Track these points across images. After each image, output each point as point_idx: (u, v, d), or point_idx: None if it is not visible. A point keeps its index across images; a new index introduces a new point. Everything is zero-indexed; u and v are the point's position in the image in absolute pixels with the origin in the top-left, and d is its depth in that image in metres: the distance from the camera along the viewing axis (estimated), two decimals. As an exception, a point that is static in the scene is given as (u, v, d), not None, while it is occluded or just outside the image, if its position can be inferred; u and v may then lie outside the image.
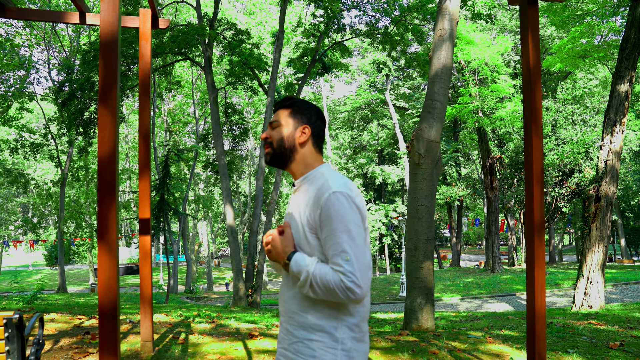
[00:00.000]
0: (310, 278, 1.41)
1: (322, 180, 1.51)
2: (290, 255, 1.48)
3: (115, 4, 2.62)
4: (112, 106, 2.59)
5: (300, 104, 1.65)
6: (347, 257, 1.39)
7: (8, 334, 2.54)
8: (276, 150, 1.61)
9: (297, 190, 1.62)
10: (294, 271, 1.46)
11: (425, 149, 6.11)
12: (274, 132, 1.63)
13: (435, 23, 6.22)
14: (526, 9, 3.45)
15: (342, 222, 1.41)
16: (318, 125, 1.64)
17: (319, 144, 1.65)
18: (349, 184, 1.49)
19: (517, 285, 18.03)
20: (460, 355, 4.74)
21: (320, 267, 1.43)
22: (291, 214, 1.58)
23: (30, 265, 44.16)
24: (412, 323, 6.22)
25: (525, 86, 3.54)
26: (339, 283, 1.37)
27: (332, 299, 1.41)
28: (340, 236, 1.40)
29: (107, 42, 2.60)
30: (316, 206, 1.46)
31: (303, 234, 1.50)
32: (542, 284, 3.44)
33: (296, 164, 1.61)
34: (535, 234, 3.42)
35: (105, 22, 2.61)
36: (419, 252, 6.19)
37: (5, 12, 3.88)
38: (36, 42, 25.29)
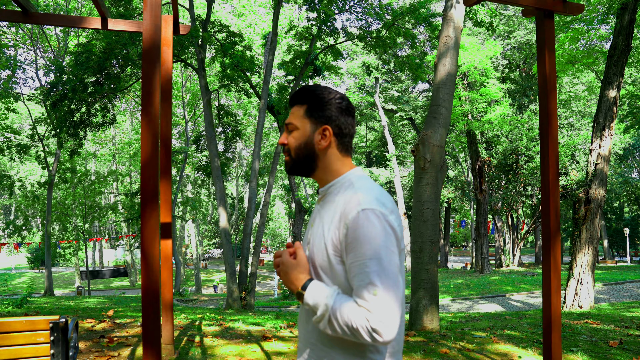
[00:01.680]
0: (329, 314, 1.20)
1: (351, 191, 1.28)
2: (306, 284, 1.26)
3: (156, 14, 2.68)
4: (154, 113, 2.65)
5: (316, 98, 1.37)
6: (375, 292, 1.16)
7: (53, 337, 2.57)
8: (295, 159, 1.39)
9: (321, 199, 1.40)
10: (309, 303, 1.24)
11: (431, 153, 6.24)
12: (290, 137, 1.39)
13: (441, 31, 6.36)
14: (542, 21, 3.59)
15: (371, 246, 1.18)
16: (342, 121, 1.37)
17: (345, 143, 1.38)
18: (383, 198, 1.26)
19: (507, 286, 18.34)
20: (470, 354, 4.87)
21: (342, 300, 1.21)
22: (314, 228, 1.37)
23: (13, 268, 43.30)
24: (417, 324, 6.34)
25: (541, 95, 3.68)
26: (363, 322, 1.15)
27: (354, 339, 1.19)
28: (369, 265, 1.18)
29: (149, 50, 2.66)
30: (342, 225, 1.24)
31: (326, 257, 1.28)
32: (558, 288, 3.58)
33: (320, 171, 1.38)
34: (552, 239, 3.57)
35: (148, 31, 2.67)
36: (424, 254, 6.32)
37: (29, 18, 3.90)
38: (22, 42, 24.92)
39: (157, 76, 2.65)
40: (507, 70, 25.44)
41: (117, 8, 16.37)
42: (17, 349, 2.54)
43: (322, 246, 1.29)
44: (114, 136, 34.86)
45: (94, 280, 37.10)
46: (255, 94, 19.11)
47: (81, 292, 26.80)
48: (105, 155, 37.51)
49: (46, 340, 2.58)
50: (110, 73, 15.48)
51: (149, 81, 2.65)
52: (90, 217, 27.27)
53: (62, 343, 2.59)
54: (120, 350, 4.25)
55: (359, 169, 1.39)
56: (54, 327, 2.55)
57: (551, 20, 3.62)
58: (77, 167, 26.72)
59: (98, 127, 17.36)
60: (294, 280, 1.27)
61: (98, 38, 15.44)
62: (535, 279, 19.21)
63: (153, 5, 2.67)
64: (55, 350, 2.60)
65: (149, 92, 2.65)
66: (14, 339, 2.51)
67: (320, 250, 1.29)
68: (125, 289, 31.00)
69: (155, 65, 2.65)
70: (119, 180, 34.87)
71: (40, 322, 2.55)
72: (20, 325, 2.52)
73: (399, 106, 32.12)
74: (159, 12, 2.68)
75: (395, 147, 34.15)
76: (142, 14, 18.00)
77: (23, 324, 2.52)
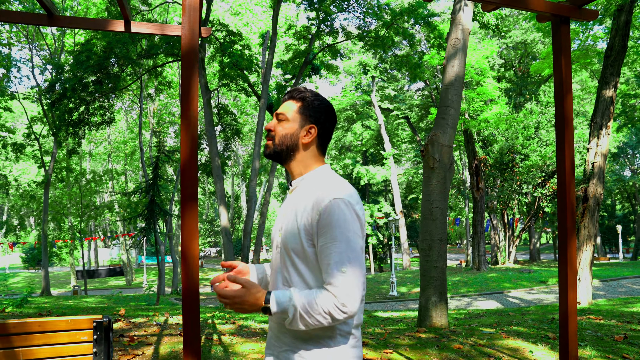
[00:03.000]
0: (300, 312, 1.31)
1: (322, 184, 1.43)
2: (267, 297, 1.34)
3: (194, 18, 2.74)
4: (193, 116, 2.72)
5: (311, 99, 1.53)
6: (344, 269, 1.31)
7: (97, 336, 2.63)
8: (277, 146, 1.52)
9: (293, 190, 1.53)
10: (277, 312, 1.33)
11: (440, 153, 6.35)
12: (278, 126, 1.53)
13: (449, 33, 6.47)
14: (558, 27, 3.69)
15: (341, 230, 1.33)
16: (326, 126, 1.54)
17: (323, 145, 1.55)
18: (350, 191, 1.41)
19: (505, 283, 18.55)
20: (482, 350, 4.99)
21: (305, 295, 1.33)
22: (286, 217, 1.49)
23: (7, 268, 42.96)
24: (426, 321, 6.45)
25: (557, 99, 3.77)
26: (331, 303, 1.30)
27: (328, 323, 1.32)
28: (339, 246, 1.32)
29: (188, 53, 2.72)
30: (314, 212, 1.37)
31: (299, 241, 1.40)
32: (574, 283, 3.70)
33: (296, 163, 1.52)
34: (568, 236, 3.68)
35: (186, 35, 2.73)
36: (433, 252, 6.43)
37: (53, 21, 3.94)
38: (17, 40, 24.72)
39: (195, 79, 2.72)
40: (503, 69, 25.66)
41: (115, 7, 16.36)
42: (61, 347, 2.60)
43: (295, 231, 1.42)
44: (109, 135, 34.69)
45: (90, 280, 36.91)
46: (254, 93, 19.15)
47: (77, 292, 26.64)
48: (101, 154, 37.33)
49: (89, 339, 2.64)
50: (110, 72, 15.45)
51: (187, 85, 2.72)
52: (86, 217, 27.15)
53: (104, 342, 2.66)
54: (143, 348, 4.31)
55: (328, 166, 1.55)
56: (97, 326, 2.62)
57: (567, 26, 3.72)
58: (73, 167, 26.55)
59: (97, 126, 17.31)
60: (255, 302, 1.34)
61: (97, 37, 15.40)
62: (532, 276, 19.44)
63: (191, 9, 2.74)
64: (97, 348, 2.66)
65: (188, 96, 2.71)
66: (58, 338, 2.58)
67: (293, 235, 1.42)
68: (122, 288, 30.90)
69: (193, 69, 2.72)
70: (115, 179, 34.71)
71: (84, 321, 2.61)
72: (64, 324, 2.58)
73: (395, 105, 32.27)
74: (196, 16, 2.74)
75: (391, 146, 34.30)
76: (140, 13, 17.97)
77: (67, 323, 2.58)
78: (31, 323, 2.52)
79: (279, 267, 1.50)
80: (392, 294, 18.44)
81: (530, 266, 24.65)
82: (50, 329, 2.57)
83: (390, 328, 6.43)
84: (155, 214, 18.32)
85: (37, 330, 2.54)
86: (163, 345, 4.43)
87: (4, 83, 22.91)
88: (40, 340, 2.57)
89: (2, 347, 2.48)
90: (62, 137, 17.06)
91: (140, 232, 18.25)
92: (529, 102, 23.08)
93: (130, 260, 35.95)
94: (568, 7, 3.64)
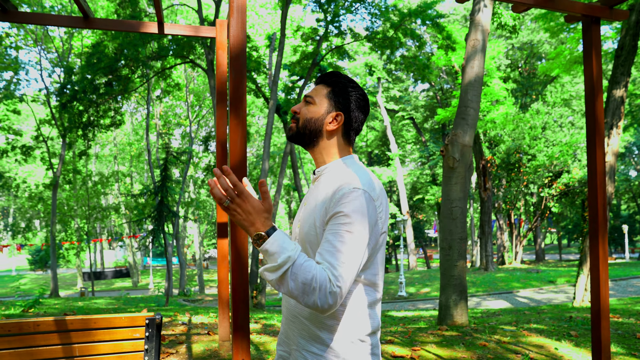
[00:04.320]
0: (289, 265, 1.15)
1: (346, 174, 1.33)
2: (271, 230, 1.19)
3: (242, 21, 2.80)
4: (242, 117, 2.77)
5: (343, 85, 1.44)
6: (344, 260, 1.18)
7: (148, 333, 2.69)
8: (300, 129, 1.44)
9: (316, 180, 1.45)
10: (268, 249, 1.17)
11: (460, 153, 6.39)
12: (304, 109, 1.45)
13: (468, 34, 6.51)
14: (589, 27, 3.73)
15: (352, 220, 1.22)
16: (355, 115, 1.43)
17: (351, 135, 1.44)
18: (373, 183, 1.32)
19: (513, 283, 18.56)
20: (507, 347, 5.03)
21: (305, 257, 1.19)
22: (306, 206, 1.42)
23: (13, 270, 43.11)
24: (447, 319, 6.49)
25: (588, 100, 3.81)
26: (325, 283, 1.15)
27: (303, 299, 1.16)
28: (345, 235, 1.21)
29: (236, 56, 2.78)
30: (332, 201, 1.27)
31: (314, 230, 1.32)
32: (606, 281, 3.74)
33: (319, 150, 1.44)
34: (599, 235, 3.73)
35: (235, 37, 2.79)
36: (453, 251, 6.47)
37: (89, 23, 4.00)
38: (24, 43, 24.85)
39: (244, 81, 2.78)
40: (509, 70, 25.70)
41: (124, 10, 16.44)
42: (117, 344, 2.66)
43: (311, 221, 1.33)
44: (115, 137, 34.81)
45: (96, 281, 37.04)
46: (261, 95, 19.21)
47: (84, 294, 26.75)
48: (106, 156, 37.48)
49: (141, 335, 2.70)
50: (121, 74, 15.53)
51: (237, 87, 2.78)
52: (93, 218, 27.27)
53: (155, 339, 2.71)
54: (176, 347, 4.37)
55: (355, 156, 1.44)
56: (150, 323, 2.67)
57: (598, 26, 3.76)
58: (80, 169, 26.68)
59: (107, 128, 17.41)
60: (257, 223, 1.18)
61: (107, 39, 15.49)
62: (540, 276, 19.45)
63: (239, 11, 2.79)
64: (148, 345, 2.72)
65: (237, 98, 2.77)
66: (115, 334, 2.63)
67: (309, 224, 1.34)
68: (128, 290, 30.97)
69: (242, 71, 2.77)
70: (120, 181, 34.83)
71: (138, 318, 2.67)
72: (121, 321, 2.64)
73: (400, 106, 32.33)
74: (244, 18, 2.80)
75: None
76: (148, 15, 18.07)
77: (123, 320, 2.64)
78: (87, 320, 2.58)
79: None
80: (400, 294, 18.48)
81: (538, 266, 24.66)
82: (106, 326, 2.62)
83: (412, 327, 6.47)
84: (164, 216, 18.43)
85: (92, 327, 2.59)
86: (195, 343, 4.48)
87: (11, 86, 23.06)
88: (95, 337, 2.63)
89: (60, 343, 2.54)
90: (73, 139, 17.15)
91: (149, 233, 18.35)
92: (535, 103, 23.11)
93: (136, 262, 36.03)
94: (600, 7, 3.69)
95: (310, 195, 1.43)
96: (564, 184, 21.99)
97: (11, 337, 2.41)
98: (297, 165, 22.09)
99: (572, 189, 21.95)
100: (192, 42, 16.10)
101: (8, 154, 22.98)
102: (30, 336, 2.46)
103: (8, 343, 2.40)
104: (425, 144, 31.85)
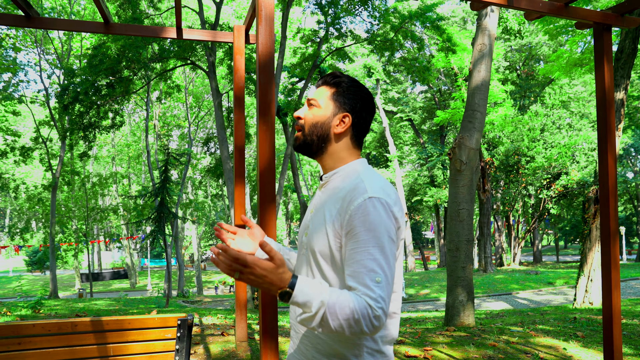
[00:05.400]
0: (326, 309, 1.11)
1: (356, 179, 1.27)
2: (293, 281, 1.13)
3: (271, 29, 2.87)
4: (271, 124, 2.84)
5: (347, 85, 1.37)
6: (378, 279, 1.14)
7: (180, 334, 2.75)
8: (307, 136, 1.37)
9: (324, 185, 1.39)
10: (299, 302, 1.12)
11: (467, 156, 6.48)
12: (308, 113, 1.38)
13: (475, 38, 6.61)
14: (601, 34, 3.82)
15: (375, 234, 1.17)
16: (362, 116, 1.37)
17: (359, 137, 1.38)
18: (388, 189, 1.26)
19: (512, 284, 18.70)
20: (517, 347, 5.11)
21: (337, 293, 1.13)
22: (314, 214, 1.35)
23: (10, 271, 42.94)
24: (454, 320, 6.57)
25: (599, 106, 3.89)
26: (365, 311, 1.11)
27: (350, 332, 1.12)
28: (372, 252, 1.16)
29: (265, 63, 2.85)
30: (345, 211, 1.22)
31: (327, 243, 1.25)
32: (617, 284, 3.83)
33: (327, 156, 1.37)
34: (611, 239, 3.82)
35: (263, 45, 2.86)
36: (460, 253, 6.56)
37: (110, 29, 4.07)
38: (22, 44, 24.80)
39: (272, 87, 2.85)
40: (508, 72, 25.89)
41: (124, 12, 16.47)
42: (149, 344, 2.72)
43: (323, 232, 1.26)
44: (113, 138, 34.78)
45: (94, 283, 36.95)
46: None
47: (82, 295, 26.69)
48: (104, 157, 37.42)
49: (173, 336, 2.76)
50: (122, 76, 15.56)
51: (265, 92, 2.85)
52: (91, 220, 27.23)
53: (186, 339, 2.78)
54: (194, 347, 4.42)
55: (365, 160, 1.39)
56: (182, 324, 2.73)
57: (609, 33, 3.85)
58: (79, 170, 26.65)
59: (107, 129, 17.42)
60: (277, 282, 1.13)
61: (109, 41, 15.51)
62: (539, 277, 19.60)
63: (268, 19, 2.86)
64: (180, 345, 2.78)
65: (266, 104, 2.84)
66: (148, 335, 2.69)
67: (321, 236, 1.27)
68: (126, 291, 30.94)
69: (271, 77, 2.85)
70: (118, 182, 34.79)
71: (170, 319, 2.73)
72: (153, 322, 2.70)
73: (399, 107, 32.47)
74: (272, 27, 2.87)
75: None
76: (149, 17, 18.09)
77: (156, 321, 2.70)
78: (122, 320, 2.64)
79: (303, 268, 1.36)
80: (402, 295, 18.59)
81: (537, 267, 24.83)
82: (139, 327, 2.69)
83: (420, 327, 6.55)
84: (164, 217, 18.46)
85: (127, 327, 2.65)
86: (211, 344, 4.54)
87: (9, 87, 23.00)
88: (128, 337, 2.69)
89: (96, 343, 2.60)
90: (74, 141, 17.15)
91: (150, 234, 18.37)
92: (533, 105, 23.30)
93: (134, 263, 35.97)
94: (613, 15, 3.78)
95: (318, 201, 1.37)
96: (562, 186, 22.17)
97: (50, 336, 2.47)
98: (296, 167, 22.16)
99: (570, 190, 22.14)
100: (193, 44, 16.15)
101: (7, 155, 22.93)
102: (68, 336, 2.52)
103: (48, 342, 2.46)
104: (424, 145, 31.99)
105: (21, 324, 2.43)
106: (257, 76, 2.86)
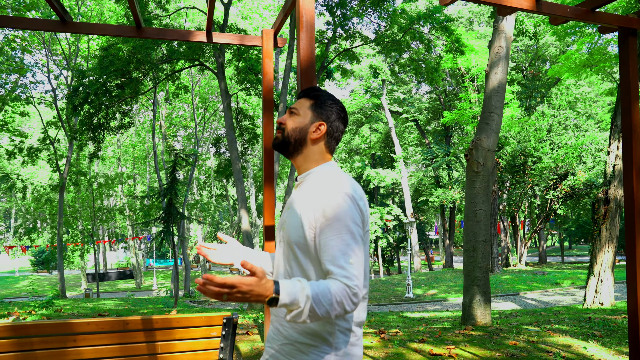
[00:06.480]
0: (312, 302, 1.24)
1: (327, 179, 1.46)
2: (276, 287, 1.25)
3: (311, 36, 2.94)
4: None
5: (324, 98, 1.58)
6: (352, 260, 1.32)
7: (224, 332, 2.83)
8: (285, 138, 1.56)
9: (299, 185, 1.57)
10: (286, 303, 1.24)
11: (484, 157, 6.55)
12: (289, 120, 1.57)
13: (492, 41, 6.67)
14: (626, 38, 3.88)
15: (346, 222, 1.35)
16: (336, 125, 1.57)
17: (332, 144, 1.58)
18: (354, 185, 1.44)
19: (519, 285, 18.72)
20: (536, 345, 5.18)
21: (316, 284, 1.28)
22: (289, 210, 1.51)
23: (16, 271, 43.13)
24: (470, 319, 6.64)
25: (624, 108, 3.93)
26: (344, 291, 1.28)
27: (334, 314, 1.27)
28: (344, 237, 1.34)
29: (306, 69, 2.93)
30: (319, 205, 1.39)
31: (302, 234, 1.42)
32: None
33: (302, 157, 1.56)
34: (637, 240, 3.88)
35: (304, 50, 2.93)
36: (477, 253, 6.62)
37: (141, 32, 4.14)
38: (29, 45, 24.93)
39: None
40: (515, 72, 25.92)
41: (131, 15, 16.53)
42: (194, 342, 2.80)
43: (298, 224, 1.43)
44: (119, 139, 34.91)
45: (100, 283, 37.09)
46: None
47: (89, 295, 26.81)
48: (109, 157, 37.57)
49: (218, 334, 2.83)
50: (133, 77, 15.67)
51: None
52: (98, 220, 27.35)
53: (230, 337, 2.85)
54: (221, 346, 4.50)
55: (335, 163, 1.59)
56: (227, 322, 2.81)
57: (635, 37, 3.91)
58: (85, 170, 26.78)
59: (116, 130, 17.53)
60: (263, 292, 1.24)
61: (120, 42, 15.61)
62: (546, 278, 19.62)
63: (308, 26, 2.93)
64: (224, 344, 2.85)
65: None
66: (193, 333, 2.77)
67: (296, 228, 1.43)
68: (132, 291, 31.05)
69: (312, 83, 2.91)
70: (124, 182, 34.90)
71: (216, 317, 2.81)
72: (199, 320, 2.78)
73: (404, 108, 32.51)
74: (313, 33, 2.94)
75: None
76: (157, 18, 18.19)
77: (201, 320, 2.78)
78: (170, 319, 2.72)
79: (281, 260, 1.52)
80: (408, 295, 18.61)
81: (544, 268, 24.85)
82: (187, 325, 2.76)
83: (437, 327, 6.61)
84: (172, 217, 18.55)
85: (175, 325, 2.73)
86: (239, 343, 4.61)
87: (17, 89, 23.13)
88: (175, 336, 2.76)
89: (145, 341, 2.68)
90: (84, 141, 17.26)
91: (158, 234, 18.45)
92: (540, 105, 23.33)
93: (140, 263, 36.09)
94: (637, 19, 3.84)
95: (294, 199, 1.52)
96: (569, 187, 22.19)
97: (103, 334, 2.54)
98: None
99: (577, 191, 22.16)
100: (202, 45, 16.24)
101: (16, 155, 23.06)
102: (119, 334, 2.60)
103: (100, 339, 2.54)
104: (429, 146, 32.03)
105: (76, 321, 2.51)
106: (298, 81, 2.93)
